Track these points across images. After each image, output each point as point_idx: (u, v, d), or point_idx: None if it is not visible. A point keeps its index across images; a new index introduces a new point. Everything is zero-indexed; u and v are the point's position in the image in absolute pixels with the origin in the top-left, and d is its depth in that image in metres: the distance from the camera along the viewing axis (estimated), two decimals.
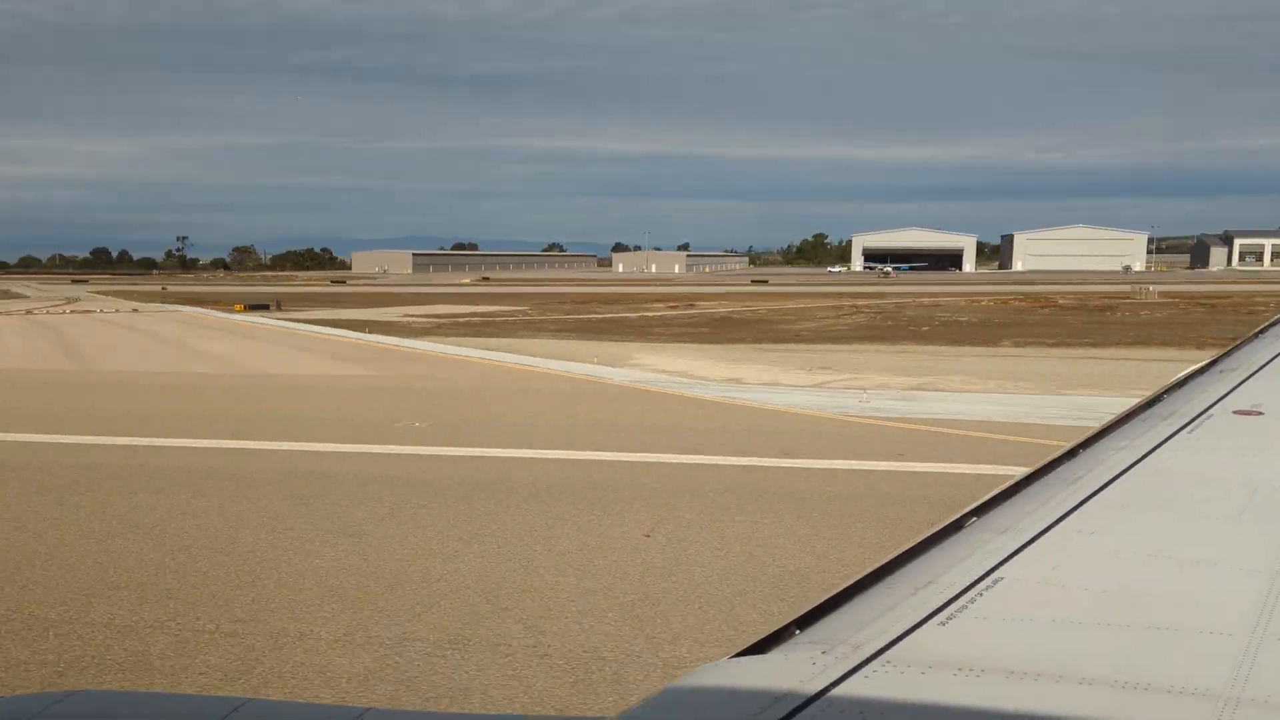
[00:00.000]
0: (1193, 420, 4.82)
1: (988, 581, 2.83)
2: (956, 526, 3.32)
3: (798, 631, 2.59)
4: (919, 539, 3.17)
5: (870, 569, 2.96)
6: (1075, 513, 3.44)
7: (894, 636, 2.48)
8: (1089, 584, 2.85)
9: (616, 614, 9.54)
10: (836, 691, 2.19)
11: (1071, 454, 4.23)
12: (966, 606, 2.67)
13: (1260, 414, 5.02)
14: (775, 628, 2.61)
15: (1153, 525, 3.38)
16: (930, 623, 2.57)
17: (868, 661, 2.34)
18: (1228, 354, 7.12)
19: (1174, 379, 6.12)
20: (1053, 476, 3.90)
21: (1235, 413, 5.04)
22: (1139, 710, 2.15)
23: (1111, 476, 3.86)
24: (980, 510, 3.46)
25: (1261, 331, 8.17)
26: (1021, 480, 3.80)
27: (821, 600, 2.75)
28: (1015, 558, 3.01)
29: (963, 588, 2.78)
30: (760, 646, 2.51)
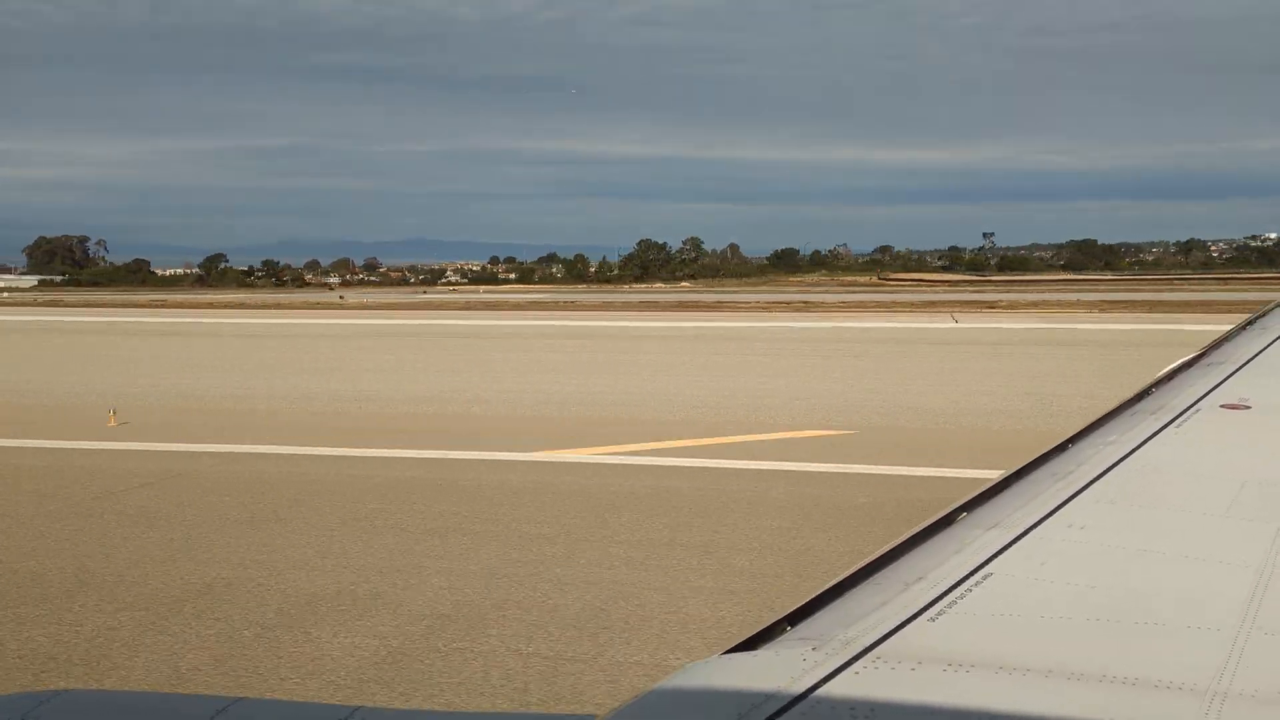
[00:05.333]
0: (1180, 415, 4.84)
1: (977, 577, 2.84)
2: (947, 522, 3.33)
3: (788, 628, 2.59)
4: (909, 534, 3.18)
5: (861, 564, 2.96)
6: (1064, 508, 3.45)
7: (884, 633, 2.48)
8: (1077, 579, 2.86)
9: None
10: (826, 688, 2.20)
11: (1061, 449, 4.24)
12: (956, 602, 2.67)
13: (1247, 408, 5.05)
14: (766, 624, 2.61)
15: (1141, 520, 3.39)
16: (920, 619, 2.57)
17: (858, 658, 2.35)
18: (1216, 347, 7.15)
19: (1161, 373, 6.15)
20: (1042, 471, 3.91)
21: (1223, 406, 5.06)
22: (1127, 705, 2.16)
23: (1100, 472, 3.87)
24: (970, 505, 3.47)
25: (1249, 323, 8.19)
26: (1011, 475, 3.81)
27: (812, 596, 2.75)
28: (1005, 553, 3.02)
29: (952, 583, 2.79)
30: (750, 643, 2.51)
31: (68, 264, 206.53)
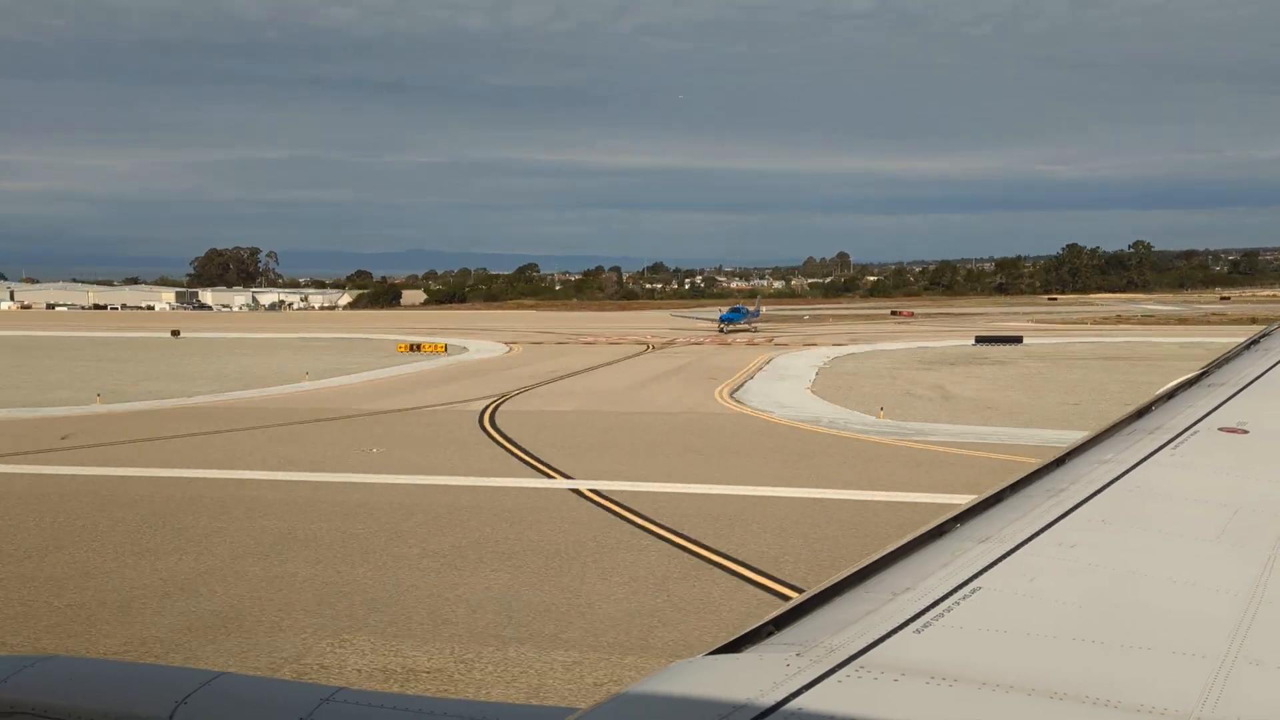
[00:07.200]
0: (1177, 436, 4.82)
1: (965, 591, 2.83)
2: (938, 532, 3.32)
3: (774, 631, 2.58)
4: (900, 543, 3.17)
5: (850, 571, 2.95)
6: (1056, 525, 3.44)
7: (869, 642, 2.47)
8: (1066, 598, 2.85)
9: None
10: (806, 697, 2.19)
11: (1056, 465, 4.23)
12: (943, 615, 2.66)
13: (1245, 432, 5.02)
14: (752, 626, 2.60)
15: (1132, 542, 3.38)
16: (906, 630, 2.57)
17: (841, 666, 2.34)
18: (1217, 366, 7.10)
19: (1161, 391, 6.11)
20: (1035, 487, 3.90)
21: (1220, 430, 5.04)
22: None
23: (1094, 490, 3.86)
24: (963, 517, 3.46)
25: (1253, 343, 8.12)
26: (1005, 489, 3.79)
27: (799, 600, 2.74)
28: (994, 568, 3.01)
29: (940, 595, 2.78)
30: (736, 645, 2.50)
31: (242, 276, 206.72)
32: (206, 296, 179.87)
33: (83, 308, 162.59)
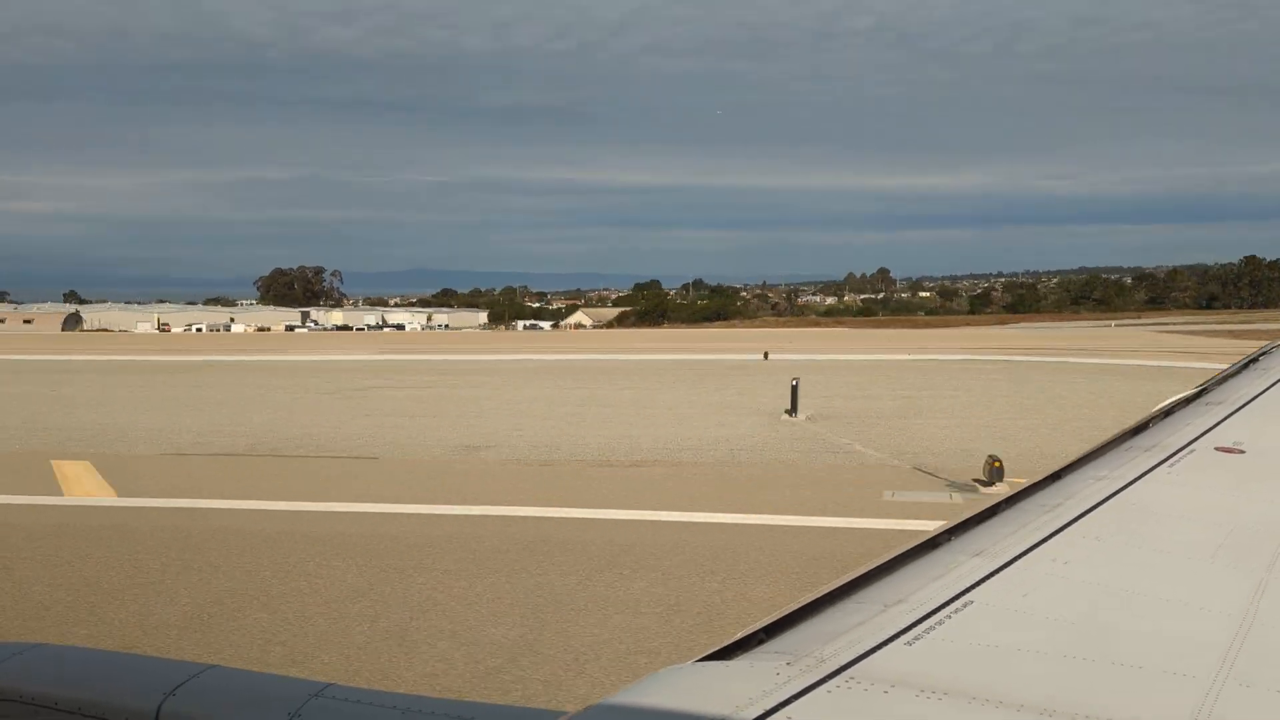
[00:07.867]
0: (1174, 454, 4.83)
1: (957, 604, 2.83)
2: (932, 545, 3.33)
3: (764, 638, 2.59)
4: (893, 554, 3.17)
5: (843, 581, 2.95)
6: (1050, 541, 3.44)
7: (860, 653, 2.47)
8: (1058, 614, 2.85)
9: None
10: (795, 706, 2.19)
11: (1051, 480, 4.23)
12: (934, 628, 2.66)
13: (1242, 452, 5.02)
14: (743, 634, 2.60)
15: (1126, 559, 3.38)
16: (897, 641, 2.57)
17: (831, 676, 2.34)
18: (1216, 384, 7.12)
19: (1157, 408, 6.13)
20: (1030, 502, 3.90)
21: (1217, 449, 5.04)
22: None
23: (1089, 506, 3.86)
24: (955, 530, 3.47)
25: (1251, 361, 8.13)
26: (1000, 503, 3.80)
27: (791, 609, 2.75)
28: (987, 582, 3.01)
29: (932, 608, 2.78)
30: (726, 652, 2.50)
31: (307, 296, 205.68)
32: (336, 317, 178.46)
33: (287, 328, 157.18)
